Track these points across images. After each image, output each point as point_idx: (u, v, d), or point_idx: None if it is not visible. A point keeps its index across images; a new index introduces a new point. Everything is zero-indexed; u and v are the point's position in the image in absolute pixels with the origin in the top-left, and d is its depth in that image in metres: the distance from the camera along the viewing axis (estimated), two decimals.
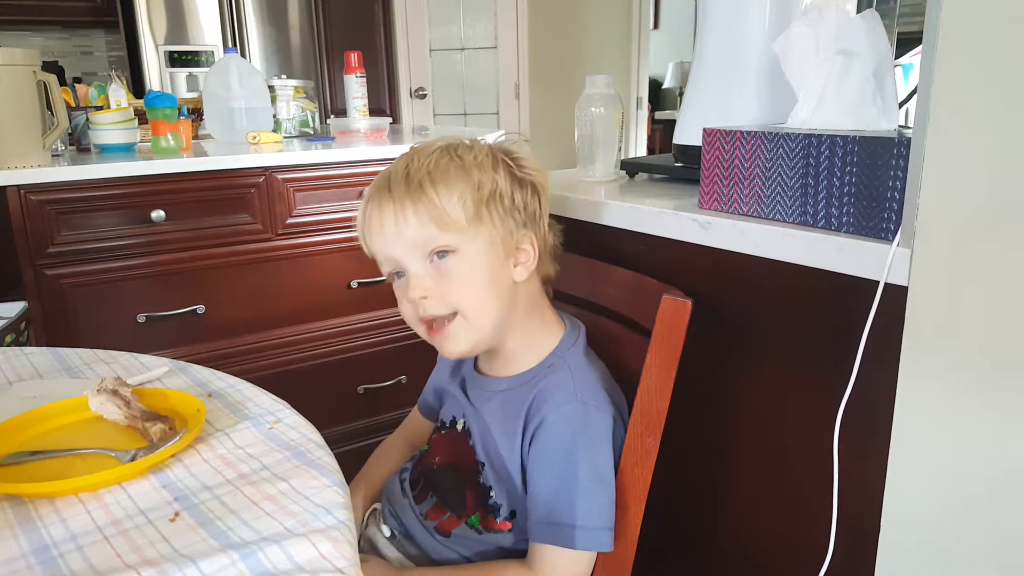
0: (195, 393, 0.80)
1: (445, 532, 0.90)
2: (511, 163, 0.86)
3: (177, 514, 0.60)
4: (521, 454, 0.85)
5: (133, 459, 0.66)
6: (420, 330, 0.87)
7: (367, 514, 0.99)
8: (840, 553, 0.83)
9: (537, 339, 0.90)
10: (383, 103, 4.10)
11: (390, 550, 0.94)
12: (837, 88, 0.87)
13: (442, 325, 0.84)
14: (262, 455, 0.69)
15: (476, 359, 0.96)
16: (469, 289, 0.82)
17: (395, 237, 0.82)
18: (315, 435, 0.73)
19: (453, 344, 0.85)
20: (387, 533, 0.95)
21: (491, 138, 0.95)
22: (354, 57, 2.29)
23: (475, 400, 0.92)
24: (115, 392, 0.75)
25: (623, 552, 0.86)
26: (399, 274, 0.86)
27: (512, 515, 0.87)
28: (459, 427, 0.94)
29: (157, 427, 0.71)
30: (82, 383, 0.85)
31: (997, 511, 0.71)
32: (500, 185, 0.83)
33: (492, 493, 0.87)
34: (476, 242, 0.82)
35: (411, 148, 0.88)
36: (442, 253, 0.81)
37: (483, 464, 0.88)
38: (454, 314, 0.83)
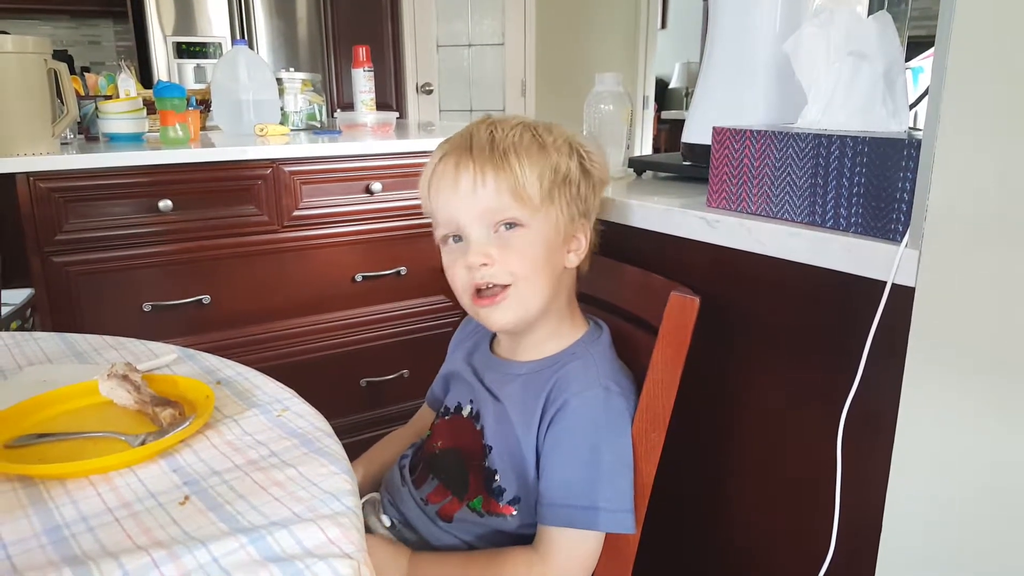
0: (204, 380, 0.81)
1: (447, 516, 0.90)
2: (583, 154, 0.89)
3: (187, 498, 0.60)
4: (537, 438, 0.85)
5: (143, 443, 0.67)
6: (466, 298, 0.86)
7: (363, 501, 0.99)
8: (841, 552, 0.84)
9: (564, 328, 0.92)
10: (389, 98, 4.10)
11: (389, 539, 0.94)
12: (847, 89, 0.87)
13: (494, 294, 0.84)
14: (270, 442, 0.69)
15: (492, 343, 0.98)
16: (530, 262, 0.84)
17: (468, 200, 0.82)
18: (322, 423, 0.73)
19: (502, 314, 0.85)
20: (387, 523, 0.95)
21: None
22: (362, 51, 2.29)
23: (491, 383, 0.93)
24: (125, 377, 0.76)
25: (626, 547, 0.87)
26: (456, 238, 0.85)
27: (516, 500, 0.87)
28: (465, 412, 0.94)
29: (167, 412, 0.71)
30: (92, 368, 0.86)
31: (1000, 513, 0.72)
32: (572, 172, 0.86)
33: (497, 476, 0.88)
34: (544, 221, 0.84)
35: (488, 117, 0.89)
36: (509, 225, 0.83)
37: (490, 448, 0.89)
38: (507, 285, 0.84)
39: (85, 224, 1.71)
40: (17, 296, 1.72)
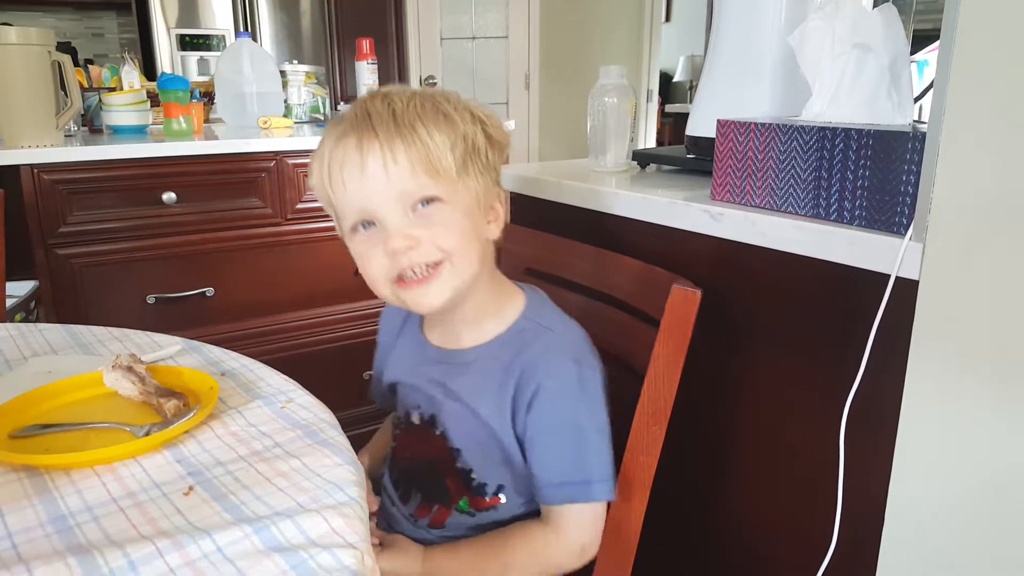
0: (208, 372, 0.81)
1: (439, 524, 0.90)
2: (484, 119, 0.81)
3: (191, 488, 0.60)
4: (515, 425, 0.83)
5: (147, 434, 0.67)
6: (385, 288, 0.79)
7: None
8: (843, 546, 0.84)
9: (499, 303, 0.87)
10: None
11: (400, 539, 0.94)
12: (852, 82, 0.87)
13: (423, 276, 0.77)
14: (274, 433, 0.69)
15: (424, 334, 0.92)
16: (458, 234, 0.77)
17: (379, 183, 0.74)
18: (327, 415, 0.74)
19: (437, 293, 0.78)
20: None
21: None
22: (366, 44, 2.29)
23: (440, 377, 0.88)
24: (130, 368, 0.76)
25: (627, 540, 0.87)
26: (365, 224, 0.77)
27: (500, 489, 0.87)
28: (415, 420, 0.91)
29: (171, 403, 0.72)
30: (96, 359, 0.86)
31: (1001, 507, 0.72)
32: (479, 139, 0.79)
33: (474, 475, 0.87)
34: (463, 193, 0.77)
35: (379, 90, 0.80)
36: (427, 201, 0.75)
37: (458, 450, 0.87)
38: (438, 262, 0.77)
39: (89, 216, 1.71)
40: (21, 288, 1.72)
